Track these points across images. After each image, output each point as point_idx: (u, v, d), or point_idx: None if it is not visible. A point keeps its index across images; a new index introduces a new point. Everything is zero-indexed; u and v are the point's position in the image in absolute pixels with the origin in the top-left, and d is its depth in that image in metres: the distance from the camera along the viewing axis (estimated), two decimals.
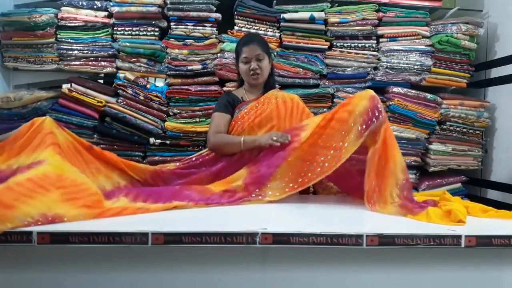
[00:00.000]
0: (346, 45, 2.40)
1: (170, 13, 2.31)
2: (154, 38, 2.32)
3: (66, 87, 2.26)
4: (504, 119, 2.40)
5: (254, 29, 2.35)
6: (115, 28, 2.31)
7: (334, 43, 2.40)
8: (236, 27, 2.35)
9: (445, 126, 2.38)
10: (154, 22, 2.31)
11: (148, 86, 2.28)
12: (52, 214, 1.17)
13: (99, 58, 2.31)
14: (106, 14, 2.31)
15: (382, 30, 2.42)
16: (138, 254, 1.15)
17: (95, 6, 2.31)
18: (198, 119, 2.27)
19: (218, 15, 2.32)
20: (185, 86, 2.29)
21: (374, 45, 2.41)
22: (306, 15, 2.34)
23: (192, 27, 2.32)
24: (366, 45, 2.41)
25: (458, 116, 2.37)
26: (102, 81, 2.52)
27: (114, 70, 2.31)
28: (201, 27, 2.33)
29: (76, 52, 2.28)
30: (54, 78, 2.37)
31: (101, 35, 2.31)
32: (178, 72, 2.31)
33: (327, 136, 1.61)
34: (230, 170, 1.73)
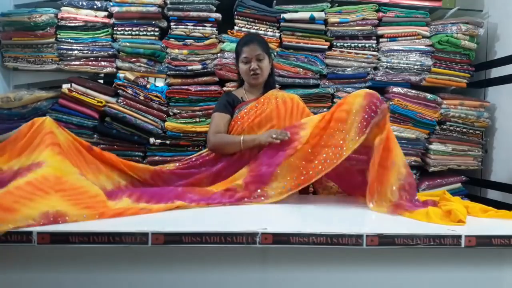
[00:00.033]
0: (346, 45, 2.40)
1: (170, 13, 2.31)
2: (154, 38, 2.32)
3: (66, 87, 2.26)
4: (504, 119, 2.40)
5: (254, 29, 2.35)
6: (115, 28, 2.31)
7: (334, 43, 2.40)
8: (236, 27, 2.35)
9: (445, 126, 2.38)
10: (154, 22, 2.31)
11: (148, 86, 2.28)
12: (53, 211, 1.17)
13: (99, 58, 2.31)
14: (106, 14, 2.31)
15: (382, 30, 2.42)
16: (138, 254, 1.15)
17: (95, 6, 2.31)
18: (198, 119, 2.27)
19: (218, 15, 2.32)
20: (185, 86, 2.29)
21: (374, 45, 2.41)
22: (306, 15, 2.34)
23: (192, 27, 2.32)
24: (366, 45, 2.41)
25: (458, 116, 2.37)
26: (102, 81, 2.52)
27: (114, 70, 2.31)
28: (201, 27, 2.33)
29: (76, 52, 2.28)
30: (54, 78, 2.38)
31: (101, 35, 2.31)
32: (178, 72, 2.31)
33: (328, 136, 1.62)
34: (230, 170, 1.73)
